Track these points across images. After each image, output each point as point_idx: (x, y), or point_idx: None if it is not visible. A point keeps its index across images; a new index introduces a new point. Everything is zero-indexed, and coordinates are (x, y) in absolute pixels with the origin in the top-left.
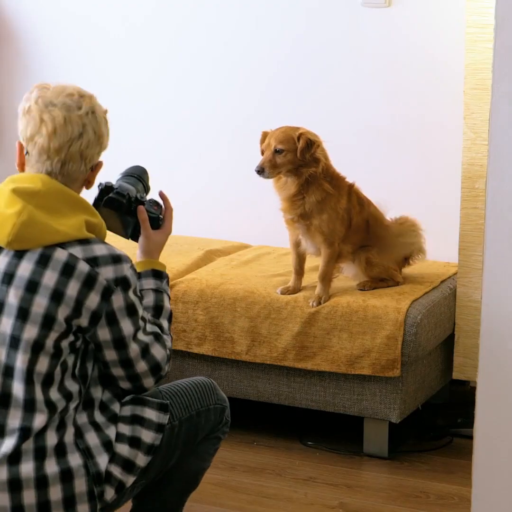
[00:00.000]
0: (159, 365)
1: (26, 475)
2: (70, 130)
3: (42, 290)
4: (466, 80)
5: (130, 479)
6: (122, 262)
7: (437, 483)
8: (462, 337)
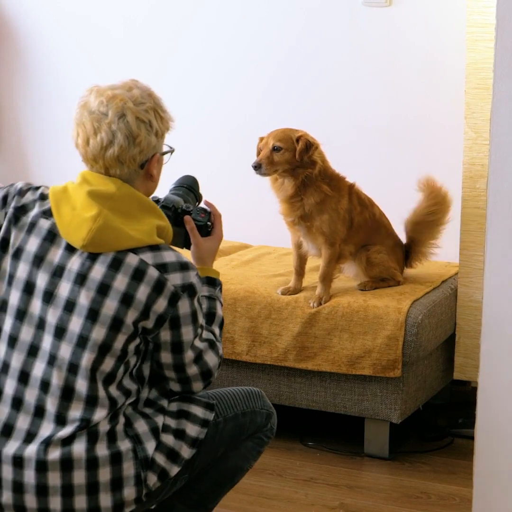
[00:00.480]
0: (210, 371)
1: (77, 455)
2: (100, 139)
3: (113, 293)
4: (467, 80)
5: (174, 469)
6: (189, 269)
7: (438, 483)
8: (463, 337)
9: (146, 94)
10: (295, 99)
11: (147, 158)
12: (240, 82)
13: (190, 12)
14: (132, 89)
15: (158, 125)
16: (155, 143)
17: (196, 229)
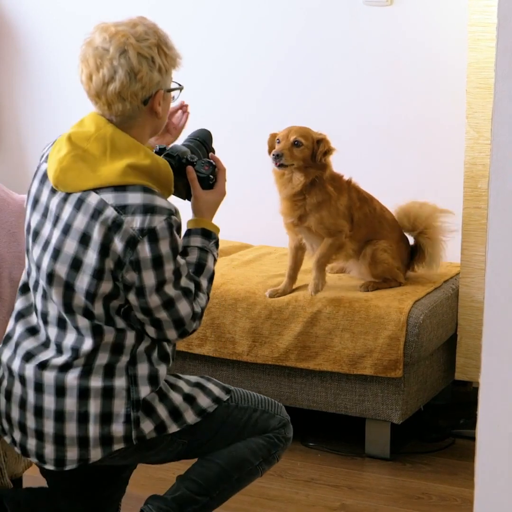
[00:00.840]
0: (182, 320)
1: (70, 382)
2: (102, 75)
3: (73, 232)
4: (468, 79)
5: (173, 427)
6: (154, 213)
7: (439, 484)
8: (465, 338)
9: (151, 30)
10: (295, 98)
11: (151, 94)
12: (240, 81)
13: (190, 12)
14: (136, 25)
15: (161, 61)
16: (158, 79)
17: (197, 180)
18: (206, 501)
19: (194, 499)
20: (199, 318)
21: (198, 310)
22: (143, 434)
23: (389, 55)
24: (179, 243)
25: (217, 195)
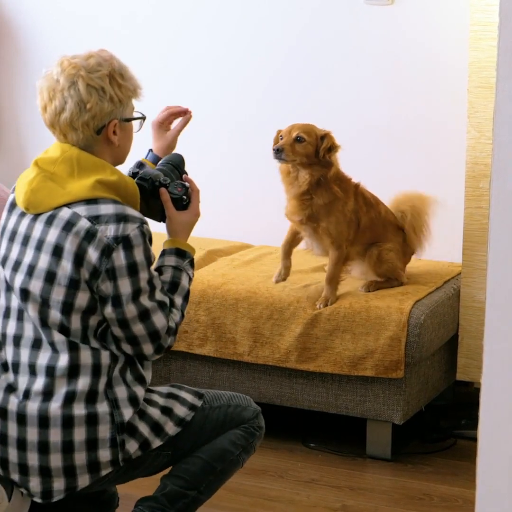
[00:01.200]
0: (158, 333)
1: (54, 413)
2: (54, 106)
3: (46, 247)
4: (470, 79)
5: (156, 441)
6: (127, 221)
7: (440, 485)
8: (466, 338)
9: (105, 62)
10: (296, 98)
11: (103, 124)
12: (241, 81)
13: (191, 11)
14: (90, 57)
15: (113, 92)
16: (110, 109)
17: (170, 201)
18: (195, 494)
19: (184, 494)
20: (174, 333)
21: (173, 325)
22: (129, 454)
23: (390, 54)
24: (151, 253)
25: (191, 215)
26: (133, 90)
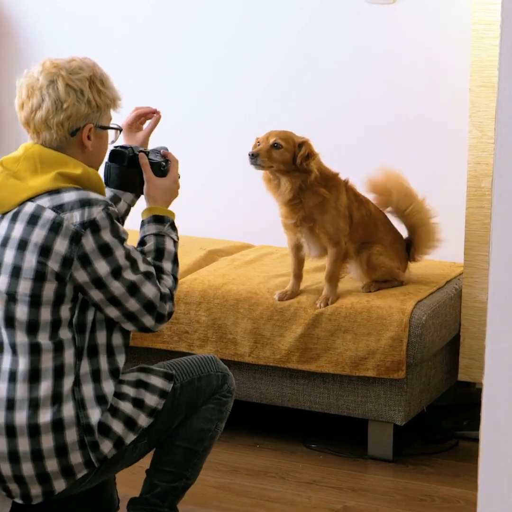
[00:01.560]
0: (152, 302)
1: (19, 423)
2: (31, 103)
3: (11, 242)
4: (472, 78)
5: (130, 436)
6: (92, 205)
7: (442, 486)
8: (468, 338)
9: (87, 67)
10: (296, 98)
11: (78, 127)
12: (241, 81)
13: (190, 11)
14: (73, 61)
15: (92, 96)
16: (86, 111)
17: (149, 165)
18: (183, 483)
19: (173, 487)
20: (170, 299)
21: (166, 291)
22: (104, 455)
23: (391, 53)
24: (121, 231)
25: (170, 182)
26: (112, 99)
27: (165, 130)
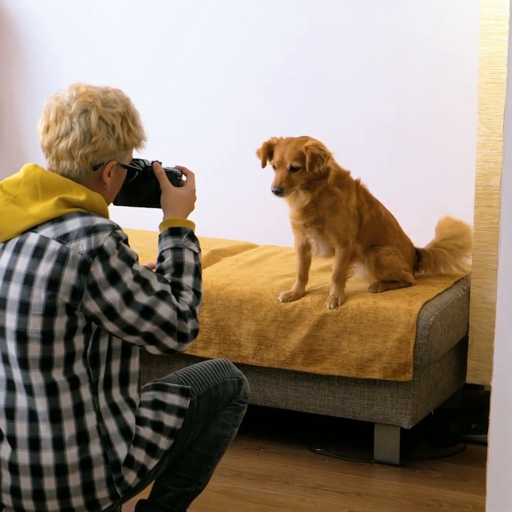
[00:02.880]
0: (169, 324)
1: (46, 463)
2: (58, 128)
3: (16, 276)
4: (480, 74)
5: (153, 462)
6: (98, 232)
7: (450, 491)
8: (476, 340)
9: (121, 101)
10: (301, 95)
11: (102, 162)
12: (245, 78)
13: (192, 9)
14: (108, 92)
15: (122, 133)
16: (113, 148)
17: (165, 174)
18: (194, 489)
19: (185, 492)
20: (191, 316)
21: (185, 308)
22: (128, 485)
23: (397, 50)
24: (129, 252)
25: (188, 192)
26: (139, 139)
27: (167, 126)
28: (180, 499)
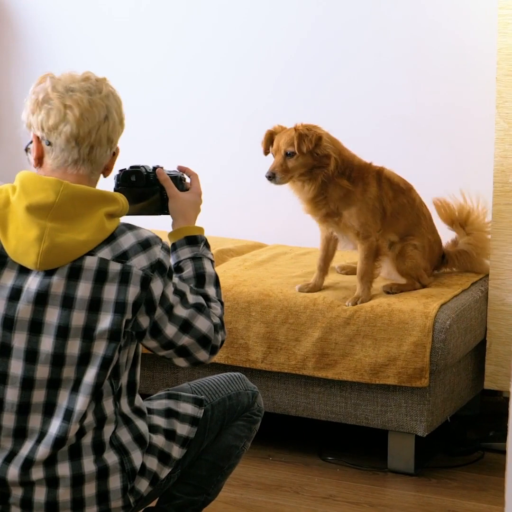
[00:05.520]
0: (206, 337)
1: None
2: (97, 113)
3: (78, 303)
4: (498, 66)
5: (165, 471)
6: (151, 246)
7: (467, 501)
8: (495, 344)
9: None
10: (312, 87)
11: (117, 147)
12: (253, 70)
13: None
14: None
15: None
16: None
17: (170, 180)
18: (203, 498)
19: (193, 501)
20: (221, 328)
21: (217, 321)
22: (140, 494)
23: (412, 40)
24: (171, 264)
25: (195, 195)
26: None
27: (172, 122)
28: (188, 508)
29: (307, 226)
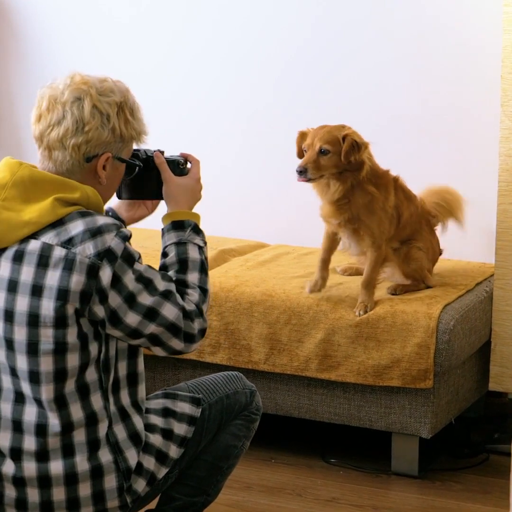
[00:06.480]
0: (175, 325)
1: (55, 472)
2: (50, 117)
3: (21, 288)
4: (503, 64)
5: (163, 470)
6: (103, 233)
7: (471, 504)
8: (500, 345)
9: (119, 91)
10: (313, 86)
11: (96, 154)
12: (255, 68)
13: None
14: (105, 81)
15: (118, 124)
16: (108, 139)
17: (166, 163)
18: (203, 499)
19: (193, 502)
20: (198, 315)
21: (191, 307)
22: (138, 494)
23: (417, 38)
24: (131, 251)
25: (192, 180)
26: (138, 132)
27: (173, 120)
28: (188, 509)
29: (309, 226)
